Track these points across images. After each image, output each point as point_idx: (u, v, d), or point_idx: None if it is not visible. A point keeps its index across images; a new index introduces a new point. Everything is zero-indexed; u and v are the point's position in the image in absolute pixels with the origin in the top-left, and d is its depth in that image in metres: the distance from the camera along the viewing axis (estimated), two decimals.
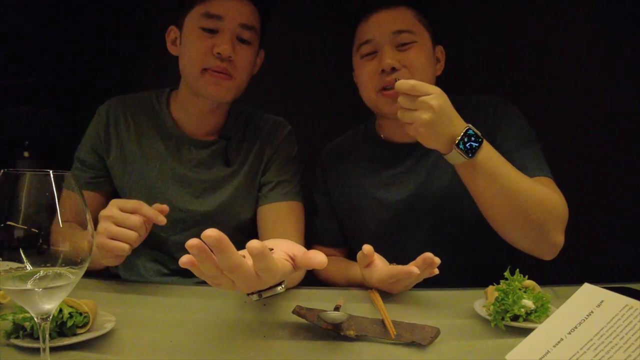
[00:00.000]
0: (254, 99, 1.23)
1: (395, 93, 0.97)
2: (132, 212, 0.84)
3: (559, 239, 0.97)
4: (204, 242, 0.49)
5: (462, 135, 0.89)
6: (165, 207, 0.89)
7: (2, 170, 0.50)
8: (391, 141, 1.22)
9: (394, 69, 1.05)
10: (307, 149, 1.31)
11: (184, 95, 1.17)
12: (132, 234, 0.83)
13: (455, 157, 0.91)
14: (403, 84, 0.88)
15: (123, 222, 0.83)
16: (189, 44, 1.08)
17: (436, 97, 0.87)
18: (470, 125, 0.90)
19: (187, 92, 1.15)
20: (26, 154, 2.03)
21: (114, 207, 0.84)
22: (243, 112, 1.25)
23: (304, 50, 1.79)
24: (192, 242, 0.49)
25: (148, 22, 1.13)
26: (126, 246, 0.83)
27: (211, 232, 0.48)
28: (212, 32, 1.05)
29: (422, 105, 0.87)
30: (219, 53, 1.04)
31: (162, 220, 0.87)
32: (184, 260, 0.52)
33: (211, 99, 1.10)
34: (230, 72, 1.07)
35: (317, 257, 0.57)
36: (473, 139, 0.89)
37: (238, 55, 1.07)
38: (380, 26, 1.09)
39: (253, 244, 0.50)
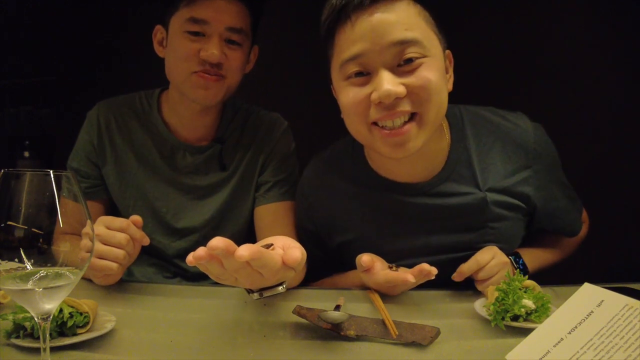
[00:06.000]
0: (253, 96, 1.21)
1: (396, 133, 0.80)
2: (119, 231, 0.82)
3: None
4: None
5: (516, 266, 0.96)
6: (139, 218, 0.85)
7: (2, 170, 0.50)
8: (389, 179, 0.96)
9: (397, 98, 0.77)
10: (307, 148, 1.29)
11: (173, 96, 1.12)
12: (119, 252, 0.81)
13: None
14: (468, 270, 0.87)
15: (109, 240, 0.81)
16: (174, 48, 1.03)
17: (498, 254, 0.90)
18: (507, 259, 0.93)
19: (176, 93, 1.11)
20: (26, 154, 2.03)
21: (100, 225, 0.82)
22: (239, 110, 1.20)
23: (304, 47, 1.79)
24: (199, 253, 0.53)
25: (148, 22, 1.12)
26: (114, 265, 0.81)
27: (217, 243, 0.51)
28: (199, 35, 1.00)
29: (500, 268, 0.89)
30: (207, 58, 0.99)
31: (147, 241, 0.86)
32: (190, 259, 0.54)
33: (199, 102, 1.06)
34: (221, 74, 1.02)
35: (293, 255, 0.58)
36: (519, 260, 0.97)
37: (227, 58, 1.02)
38: (373, 32, 0.77)
39: (241, 252, 0.51)
